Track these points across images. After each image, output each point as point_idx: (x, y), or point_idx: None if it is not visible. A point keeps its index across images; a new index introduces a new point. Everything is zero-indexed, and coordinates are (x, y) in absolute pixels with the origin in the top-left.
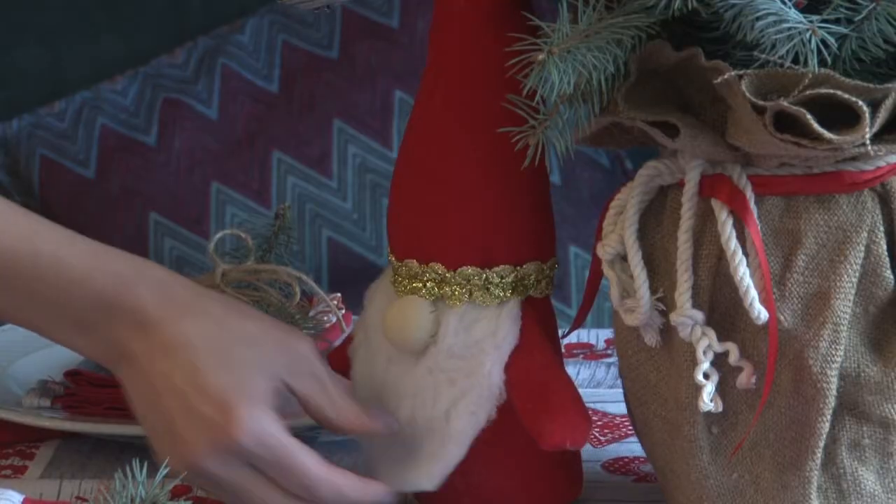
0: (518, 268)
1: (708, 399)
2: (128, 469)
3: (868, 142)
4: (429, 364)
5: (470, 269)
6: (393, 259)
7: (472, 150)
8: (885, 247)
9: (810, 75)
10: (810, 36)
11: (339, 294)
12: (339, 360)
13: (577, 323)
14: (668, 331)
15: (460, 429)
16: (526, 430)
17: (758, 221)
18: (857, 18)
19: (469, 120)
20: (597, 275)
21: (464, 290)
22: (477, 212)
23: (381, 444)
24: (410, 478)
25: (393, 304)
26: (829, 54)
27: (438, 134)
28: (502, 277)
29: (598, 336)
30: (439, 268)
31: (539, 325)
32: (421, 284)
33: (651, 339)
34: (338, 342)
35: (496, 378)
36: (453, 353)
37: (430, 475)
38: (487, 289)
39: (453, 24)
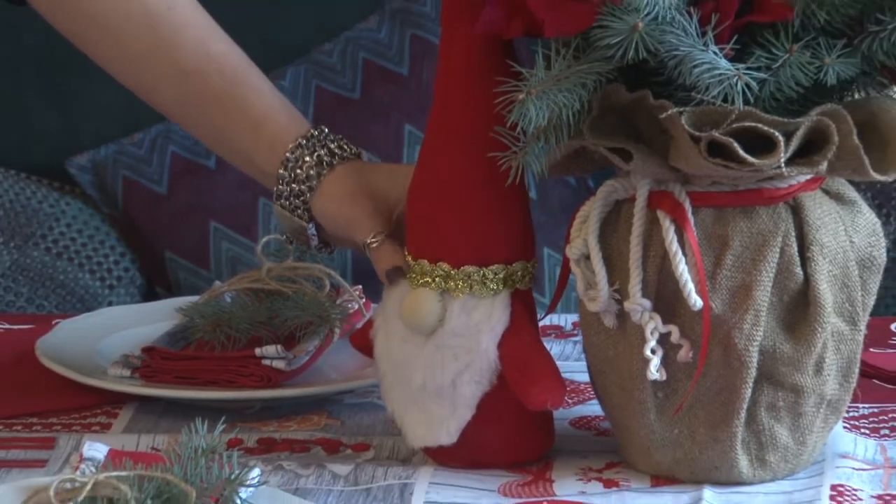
0: (508, 266)
1: (654, 370)
2: (192, 426)
3: (783, 165)
4: (437, 342)
5: (470, 268)
6: (409, 258)
7: (472, 173)
8: (795, 248)
9: (736, 111)
10: (737, 80)
11: (360, 286)
12: (361, 340)
13: (550, 309)
14: (622, 315)
15: (469, 394)
16: (514, 394)
17: (694, 228)
18: (774, 66)
19: (468, 148)
20: (566, 271)
21: (465, 284)
22: (476, 222)
23: (401, 408)
24: (432, 435)
25: (408, 295)
26: (752, 95)
27: (444, 159)
28: (496, 274)
29: (566, 319)
30: (445, 266)
31: (525, 311)
32: (430, 279)
33: (609, 321)
34: (359, 325)
35: (492, 353)
36: (456, 333)
37: (448, 432)
38: (484, 283)
39: (453, 72)
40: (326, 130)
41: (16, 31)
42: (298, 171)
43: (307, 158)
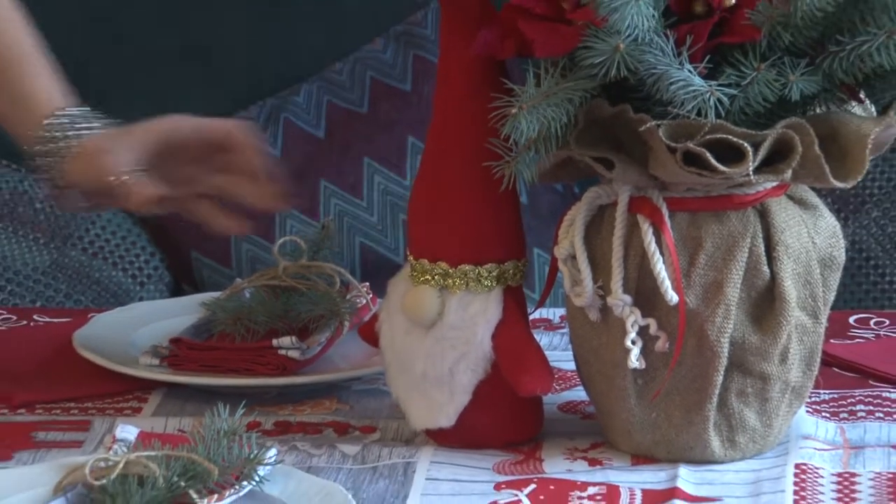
0: (501, 265)
1: (635, 359)
2: (215, 410)
3: (751, 173)
4: (436, 335)
5: (467, 267)
6: (410, 258)
7: (468, 180)
8: (763, 249)
9: (709, 124)
10: (709, 96)
11: (367, 283)
12: (368, 332)
13: (540, 304)
14: (605, 310)
15: (466, 381)
16: (507, 381)
17: (671, 230)
18: (743, 83)
19: (465, 157)
20: (554, 269)
21: (462, 282)
22: (472, 225)
23: (404, 394)
24: (432, 418)
25: (410, 291)
26: (723, 109)
27: (443, 167)
28: (490, 272)
29: (554, 313)
30: (444, 265)
31: (516, 306)
32: (430, 277)
33: (593, 315)
34: (366, 318)
35: (486, 344)
36: (454, 326)
37: (447, 416)
38: (479, 280)
39: (452, 89)
40: (95, 112)
41: (61, 44)
42: (57, 133)
43: (68, 128)
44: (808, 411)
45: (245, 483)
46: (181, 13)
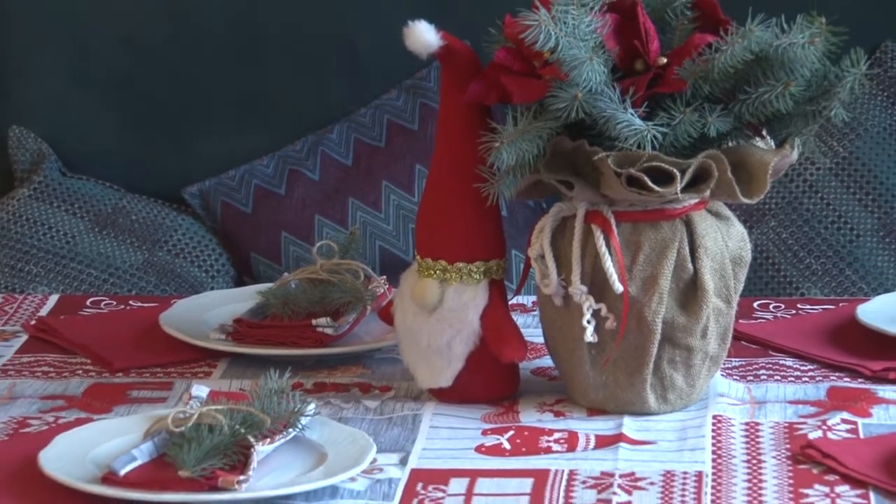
0: (487, 262)
1: (589, 335)
2: (268, 374)
3: (679, 192)
4: (437, 316)
5: (461, 264)
6: (417, 257)
7: (462, 197)
8: (688, 250)
9: (646, 155)
10: (647, 133)
11: (385, 276)
12: (385, 313)
13: (517, 292)
14: (567, 297)
15: (460, 352)
16: (492, 352)
17: (618, 237)
18: (673, 123)
19: (459, 180)
20: (527, 266)
21: (457, 275)
22: (465, 231)
23: (413, 361)
24: (434, 380)
25: (417, 283)
26: (658, 143)
27: (443, 188)
28: (479, 268)
29: (528, 300)
30: (443, 263)
31: (499, 294)
32: (433, 272)
33: (558, 301)
34: (384, 303)
35: (476, 323)
36: (451, 309)
37: (446, 378)
38: (470, 274)
39: (449, 128)
40: None
41: (148, 93)
42: None
43: None
44: (722, 375)
45: (291, 430)
46: (238, 69)
